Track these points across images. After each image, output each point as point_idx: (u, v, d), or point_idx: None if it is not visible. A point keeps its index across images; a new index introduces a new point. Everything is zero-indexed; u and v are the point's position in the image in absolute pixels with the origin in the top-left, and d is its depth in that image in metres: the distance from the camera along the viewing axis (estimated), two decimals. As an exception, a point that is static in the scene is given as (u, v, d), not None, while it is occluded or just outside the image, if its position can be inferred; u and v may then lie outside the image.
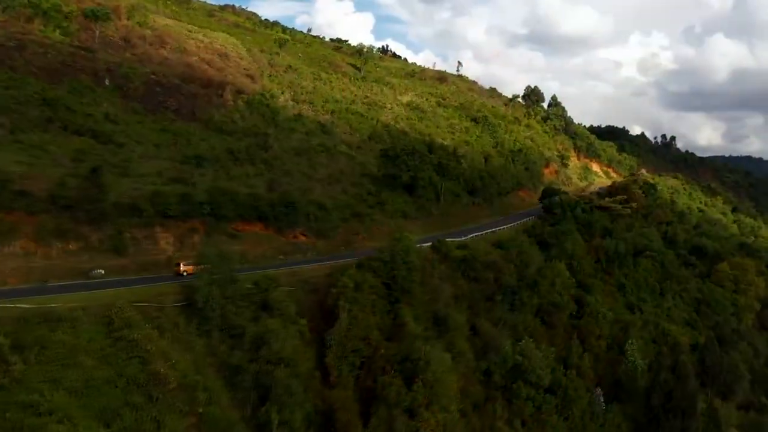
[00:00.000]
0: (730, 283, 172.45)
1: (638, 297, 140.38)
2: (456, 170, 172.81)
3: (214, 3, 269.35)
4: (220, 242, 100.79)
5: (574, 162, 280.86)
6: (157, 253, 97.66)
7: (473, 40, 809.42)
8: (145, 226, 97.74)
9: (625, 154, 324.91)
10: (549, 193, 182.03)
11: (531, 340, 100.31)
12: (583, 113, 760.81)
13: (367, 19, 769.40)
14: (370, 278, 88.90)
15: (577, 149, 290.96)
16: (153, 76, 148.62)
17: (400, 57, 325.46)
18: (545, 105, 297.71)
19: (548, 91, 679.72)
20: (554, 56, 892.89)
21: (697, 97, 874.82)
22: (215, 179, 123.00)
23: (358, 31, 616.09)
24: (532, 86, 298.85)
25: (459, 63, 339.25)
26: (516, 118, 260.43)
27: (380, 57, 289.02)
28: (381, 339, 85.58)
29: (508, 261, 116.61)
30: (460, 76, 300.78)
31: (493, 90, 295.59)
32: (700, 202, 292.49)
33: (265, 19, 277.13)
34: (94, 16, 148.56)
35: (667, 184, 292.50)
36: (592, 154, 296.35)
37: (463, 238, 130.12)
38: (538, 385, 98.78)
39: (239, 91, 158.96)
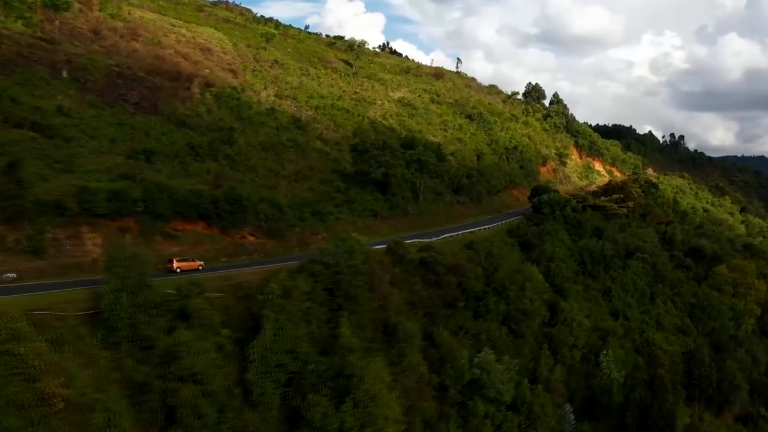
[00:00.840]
0: (728, 287, 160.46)
1: (624, 302, 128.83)
2: (439, 167, 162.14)
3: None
4: (154, 242, 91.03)
5: (575, 161, 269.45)
6: (82, 255, 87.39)
7: (484, 40, 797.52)
8: (69, 226, 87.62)
9: (629, 153, 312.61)
10: (539, 191, 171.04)
11: (491, 351, 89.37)
12: (595, 113, 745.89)
13: (378, 20, 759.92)
14: (302, 283, 78.08)
15: (579, 148, 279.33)
16: (116, 69, 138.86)
17: (401, 54, 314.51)
18: (547, 103, 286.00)
19: (560, 91, 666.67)
20: (566, 56, 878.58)
21: (710, 96, 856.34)
22: (172, 175, 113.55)
23: (368, 31, 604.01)
24: (533, 83, 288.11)
25: (458, 60, 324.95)
26: (513, 115, 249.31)
27: (376, 53, 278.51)
28: (313, 352, 74.97)
29: (476, 264, 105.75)
30: (458, 73, 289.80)
31: (492, 87, 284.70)
32: (707, 202, 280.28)
33: (260, 16, 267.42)
34: (53, 5, 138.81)
35: (673, 184, 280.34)
36: (594, 152, 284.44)
37: (433, 239, 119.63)
38: (498, 401, 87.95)
39: (209, 84, 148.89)
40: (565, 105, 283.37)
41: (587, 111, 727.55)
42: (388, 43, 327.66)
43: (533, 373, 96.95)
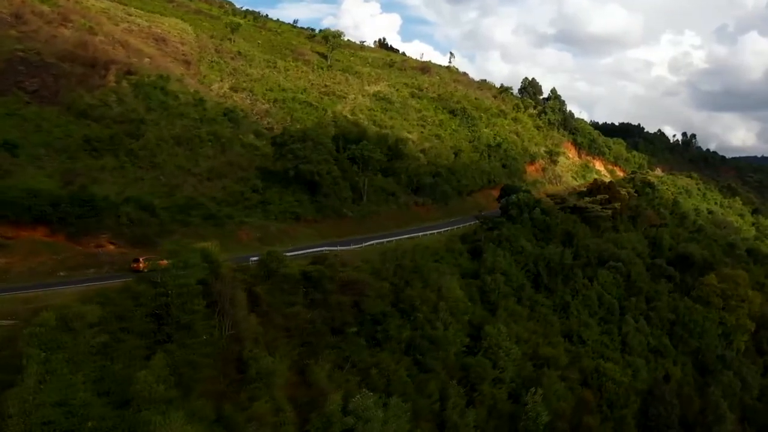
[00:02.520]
0: (717, 299, 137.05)
1: (581, 321, 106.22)
2: (394, 165, 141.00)
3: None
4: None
5: (572, 159, 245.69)
6: None
7: (500, 40, 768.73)
8: None
9: (635, 152, 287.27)
10: (508, 191, 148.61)
11: (370, 393, 67.60)
12: (614, 114, 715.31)
13: (394, 21, 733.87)
14: (90, 312, 56.76)
15: (578, 146, 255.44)
16: (20, 54, 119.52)
17: (397, 50, 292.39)
18: (545, 98, 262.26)
19: (578, 91, 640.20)
20: (583, 56, 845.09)
21: (731, 96, 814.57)
22: (52, 174, 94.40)
23: (384, 32, 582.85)
24: (530, 78, 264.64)
25: (451, 54, 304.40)
26: (502, 110, 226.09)
27: (361, 47, 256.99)
28: (97, 403, 54.09)
29: (382, 278, 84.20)
30: (448, 67, 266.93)
31: (482, 82, 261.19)
32: (715, 203, 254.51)
33: (244, 8, 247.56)
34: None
35: (678, 184, 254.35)
36: (594, 151, 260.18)
37: (352, 247, 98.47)
38: (379, 458, 66.50)
39: (130, 73, 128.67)
40: (563, 101, 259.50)
41: (605, 111, 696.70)
42: (384, 39, 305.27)
43: (440, 417, 75.13)
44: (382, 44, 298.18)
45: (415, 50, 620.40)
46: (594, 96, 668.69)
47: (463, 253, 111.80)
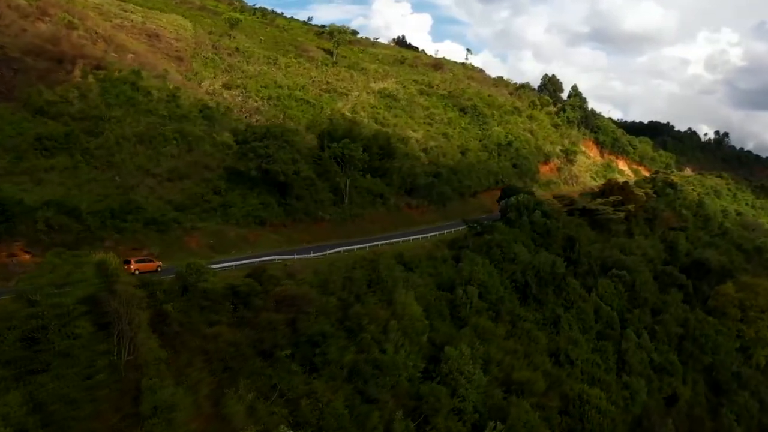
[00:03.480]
0: (734, 310, 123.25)
1: (569, 338, 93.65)
2: (386, 165, 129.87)
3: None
4: None
5: (593, 159, 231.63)
6: None
7: (533, 39, 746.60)
8: None
9: (662, 151, 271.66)
10: (507, 192, 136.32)
11: (288, 430, 56.44)
12: (648, 112, 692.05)
13: (425, 21, 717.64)
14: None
15: (600, 144, 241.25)
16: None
17: (416, 48, 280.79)
18: (565, 96, 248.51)
19: (612, 90, 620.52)
20: (617, 55, 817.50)
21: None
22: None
23: (415, 32, 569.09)
24: (549, 75, 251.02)
25: (468, 50, 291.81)
26: (516, 108, 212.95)
27: (373, 43, 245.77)
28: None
29: (329, 293, 72.90)
30: (463, 64, 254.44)
31: (499, 78, 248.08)
32: (746, 204, 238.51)
33: (257, 6, 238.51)
34: None
35: (706, 184, 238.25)
36: (617, 150, 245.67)
37: (312, 255, 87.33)
38: None
39: (99, 68, 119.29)
40: (584, 98, 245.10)
41: (640, 110, 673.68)
42: (403, 37, 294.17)
43: (382, 457, 63.71)
44: (400, 42, 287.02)
45: (447, 50, 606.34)
46: (629, 95, 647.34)
47: (447, 260, 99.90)
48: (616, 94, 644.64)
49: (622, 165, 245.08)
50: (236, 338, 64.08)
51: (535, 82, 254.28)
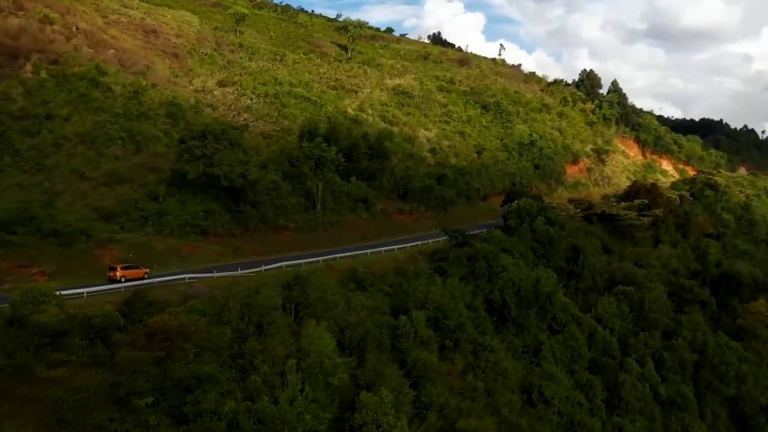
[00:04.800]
0: (766, 331, 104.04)
1: (545, 373, 76.68)
2: (374, 166, 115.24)
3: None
4: None
5: (634, 158, 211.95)
6: None
7: (588, 37, 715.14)
8: None
9: (711, 150, 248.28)
10: (512, 196, 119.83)
11: None
12: (710, 110, 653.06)
13: (478, 20, 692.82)
14: None
15: (641, 143, 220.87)
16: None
17: (453, 45, 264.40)
18: (604, 92, 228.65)
19: (672, 88, 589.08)
20: (676, 52, 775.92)
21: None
22: None
23: (468, 32, 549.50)
24: (587, 70, 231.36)
25: (501, 46, 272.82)
26: (545, 105, 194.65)
27: (398, 39, 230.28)
28: None
29: (224, 323, 58.34)
30: (494, 59, 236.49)
31: (531, 75, 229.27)
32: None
33: (276, 3, 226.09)
34: None
35: (759, 185, 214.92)
36: (661, 149, 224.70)
37: (240, 273, 73.25)
38: None
39: (54, 62, 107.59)
40: (624, 94, 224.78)
41: (701, 108, 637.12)
42: (439, 33, 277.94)
43: None
44: (436, 38, 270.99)
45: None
46: (689, 93, 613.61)
47: (420, 275, 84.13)
48: (675, 91, 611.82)
49: (666, 165, 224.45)
50: (85, 383, 50.20)
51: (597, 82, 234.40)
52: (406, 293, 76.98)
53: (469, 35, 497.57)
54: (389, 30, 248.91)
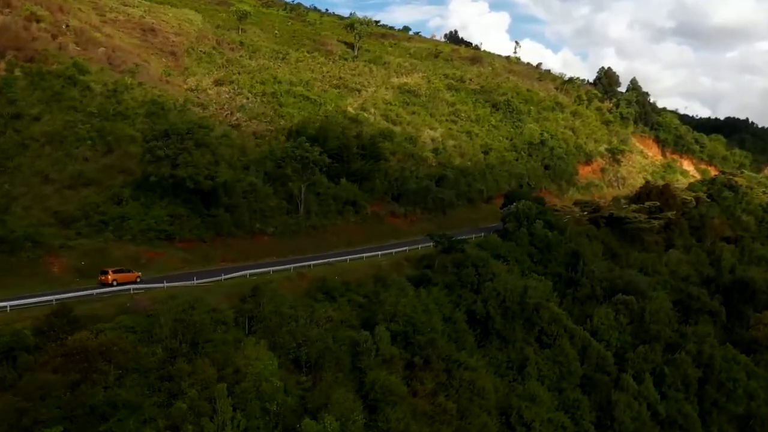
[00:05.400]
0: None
1: (528, 393, 69.54)
2: (366, 167, 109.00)
3: None
4: None
5: (653, 158, 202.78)
6: None
7: (615, 36, 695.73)
8: None
9: (736, 150, 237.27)
10: (512, 198, 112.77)
11: None
12: (741, 110, 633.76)
13: (503, 19, 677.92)
14: None
15: (661, 143, 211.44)
16: None
17: (470, 44, 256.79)
18: (624, 90, 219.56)
19: (701, 87, 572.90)
20: (705, 50, 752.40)
21: None
22: None
23: (493, 31, 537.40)
24: (605, 67, 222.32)
25: (516, 43, 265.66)
26: (558, 103, 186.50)
27: (409, 38, 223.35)
28: None
29: (156, 341, 52.29)
30: (508, 57, 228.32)
31: (546, 72, 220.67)
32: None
33: (286, 2, 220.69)
34: None
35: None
36: (681, 148, 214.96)
37: (195, 282, 67.34)
38: None
39: (31, 60, 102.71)
40: (644, 93, 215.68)
41: (730, 107, 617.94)
42: (455, 32, 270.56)
43: None
44: (452, 37, 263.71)
45: (526, 48, 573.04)
46: (718, 91, 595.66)
47: (392, 286, 77.11)
48: (703, 90, 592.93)
49: (687, 165, 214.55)
50: (-17, 410, 44.50)
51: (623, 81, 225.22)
52: (382, 304, 70.19)
53: (493, 35, 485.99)
54: (406, 29, 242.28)
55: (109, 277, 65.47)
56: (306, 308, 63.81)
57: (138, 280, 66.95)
